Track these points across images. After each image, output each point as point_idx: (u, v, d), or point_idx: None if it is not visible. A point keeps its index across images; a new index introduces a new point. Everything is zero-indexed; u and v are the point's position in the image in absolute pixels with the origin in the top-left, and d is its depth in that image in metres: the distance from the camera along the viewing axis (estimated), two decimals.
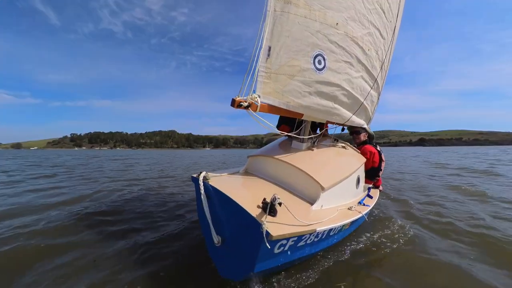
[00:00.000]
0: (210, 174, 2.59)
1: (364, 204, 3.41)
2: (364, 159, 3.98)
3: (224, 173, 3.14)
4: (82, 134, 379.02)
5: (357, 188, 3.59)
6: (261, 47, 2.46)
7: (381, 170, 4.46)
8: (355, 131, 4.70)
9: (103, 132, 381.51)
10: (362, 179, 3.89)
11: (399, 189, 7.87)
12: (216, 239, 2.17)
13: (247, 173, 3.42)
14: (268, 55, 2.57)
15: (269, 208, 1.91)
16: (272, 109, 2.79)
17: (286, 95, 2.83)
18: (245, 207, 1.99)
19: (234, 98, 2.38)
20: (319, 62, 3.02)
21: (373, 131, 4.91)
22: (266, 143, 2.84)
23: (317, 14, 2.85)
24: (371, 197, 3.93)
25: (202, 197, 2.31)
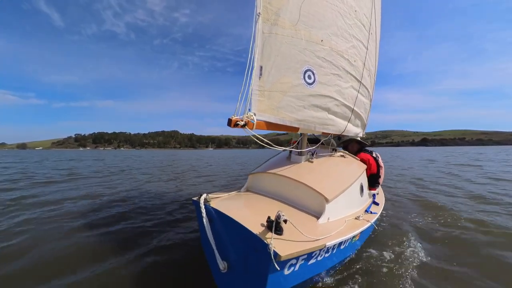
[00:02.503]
0: (210, 196, 2.53)
1: (371, 212, 3.35)
2: (365, 166, 3.95)
3: (225, 193, 3.07)
4: (86, 135, 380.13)
5: (361, 196, 3.50)
6: (253, 67, 2.57)
7: (380, 176, 4.36)
8: (343, 146, 4.71)
9: (107, 133, 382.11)
10: (366, 186, 3.81)
11: None
12: (221, 265, 2.05)
13: (248, 191, 3.36)
14: (260, 74, 2.69)
15: (275, 226, 1.83)
16: (268, 125, 2.84)
17: (281, 111, 2.91)
18: (249, 227, 1.91)
19: (231, 118, 2.40)
20: (309, 77, 3.16)
21: (375, 131, 4.86)
22: (268, 143, 2.91)
23: (303, 33, 3.03)
24: (377, 203, 3.86)
25: (204, 220, 2.23)
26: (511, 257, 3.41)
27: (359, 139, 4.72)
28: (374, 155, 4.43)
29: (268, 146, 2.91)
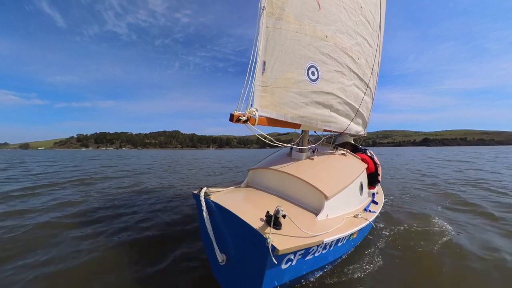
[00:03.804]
0: (211, 189, 2.56)
1: (370, 211, 3.36)
2: (366, 165, 3.95)
3: (225, 188, 3.09)
4: (88, 135, 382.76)
5: (361, 194, 3.51)
6: (256, 62, 2.52)
7: (379, 174, 4.39)
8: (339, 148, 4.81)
9: (108, 133, 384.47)
10: (365, 185, 3.81)
11: None
12: (220, 257, 2.10)
13: (248, 186, 3.39)
14: (264, 69, 2.65)
15: (273, 221, 1.85)
16: (270, 121, 2.82)
17: (283, 107, 2.88)
18: (248, 221, 1.93)
19: (233, 113, 2.38)
20: (313, 73, 3.12)
21: (377, 131, 4.81)
22: (270, 140, 2.89)
23: (307, 28, 2.98)
24: (376, 202, 3.86)
25: (204, 214, 2.26)
26: None
27: (352, 142, 4.75)
28: (368, 153, 4.43)
29: (270, 143, 2.92)
